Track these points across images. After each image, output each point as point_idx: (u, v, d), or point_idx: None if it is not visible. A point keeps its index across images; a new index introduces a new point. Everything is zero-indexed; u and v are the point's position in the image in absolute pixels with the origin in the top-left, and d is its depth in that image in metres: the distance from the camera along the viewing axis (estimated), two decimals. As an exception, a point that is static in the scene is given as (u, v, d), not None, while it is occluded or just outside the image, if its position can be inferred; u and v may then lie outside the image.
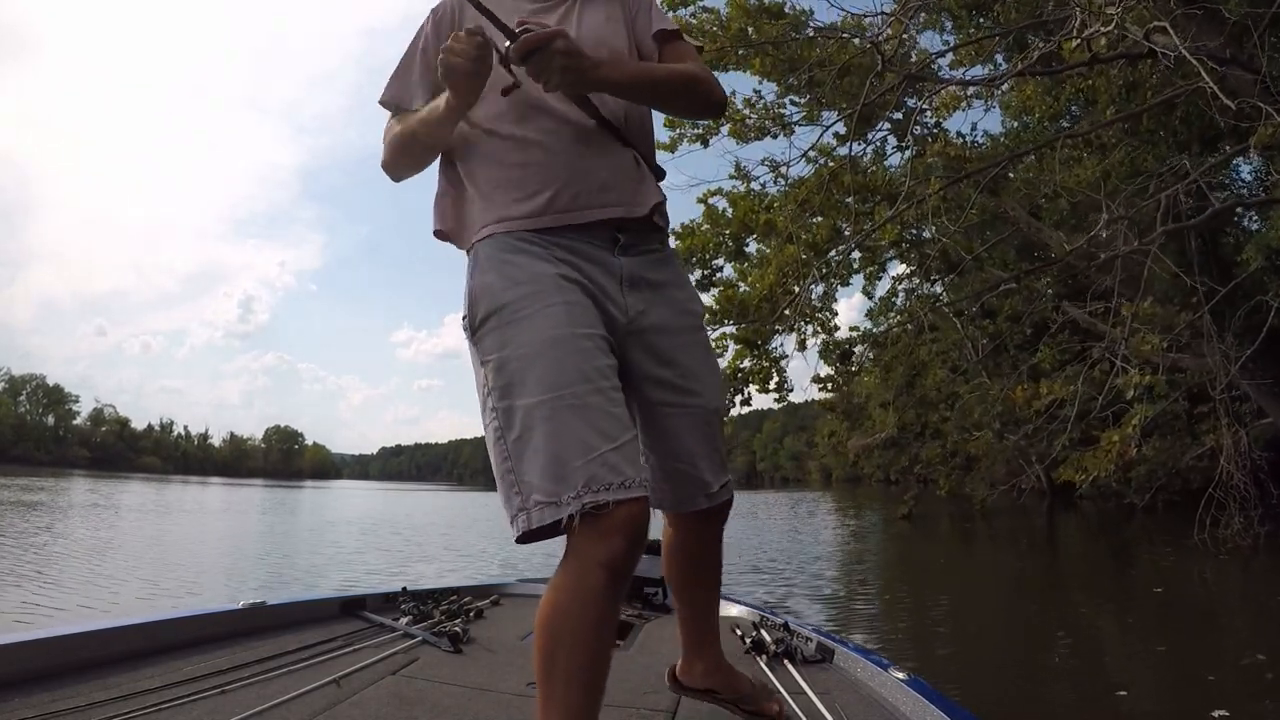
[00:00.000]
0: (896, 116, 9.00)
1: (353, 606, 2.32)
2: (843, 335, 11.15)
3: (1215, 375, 6.65)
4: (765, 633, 2.11)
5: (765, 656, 1.96)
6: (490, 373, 1.08)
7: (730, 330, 10.10)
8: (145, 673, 1.55)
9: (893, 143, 9.87)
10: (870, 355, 12.34)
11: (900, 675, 1.66)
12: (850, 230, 8.73)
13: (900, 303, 13.43)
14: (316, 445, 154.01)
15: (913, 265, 12.00)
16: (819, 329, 10.35)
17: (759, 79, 9.02)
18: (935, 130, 9.56)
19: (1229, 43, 6.27)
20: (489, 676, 1.75)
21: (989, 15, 8.64)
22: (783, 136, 9.55)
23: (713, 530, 1.35)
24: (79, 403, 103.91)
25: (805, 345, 9.91)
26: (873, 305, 14.75)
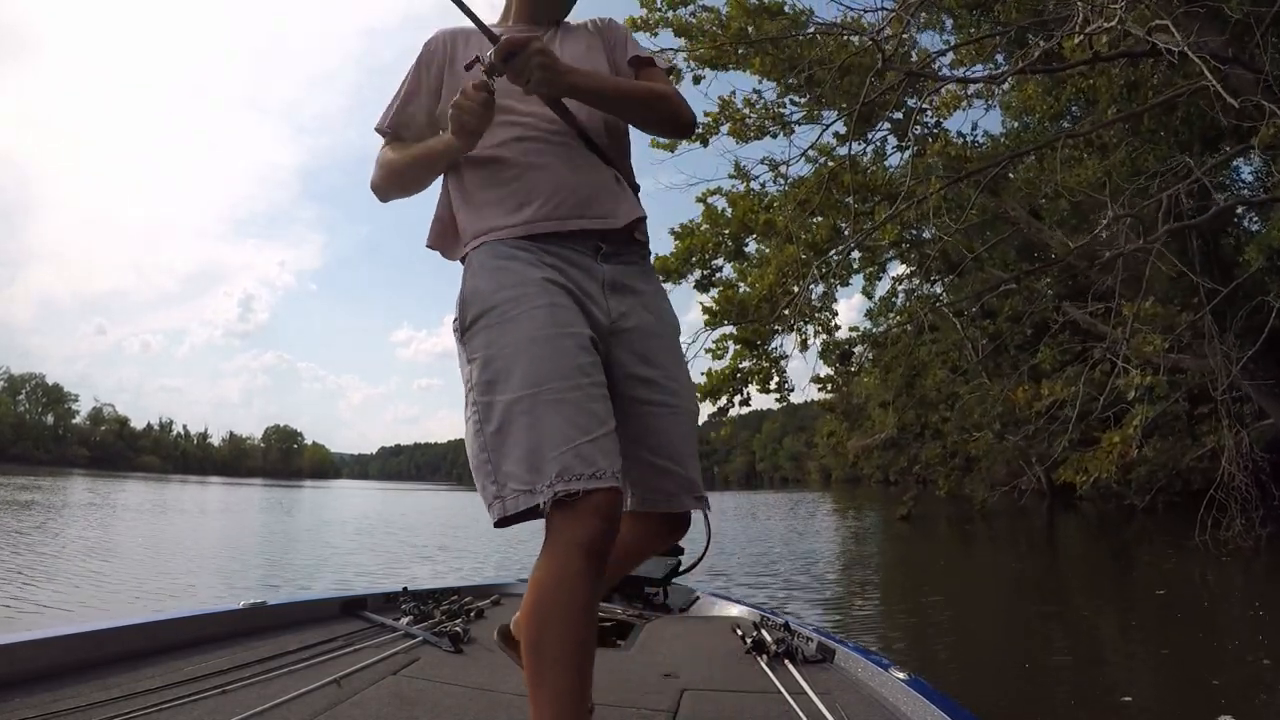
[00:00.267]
0: (896, 116, 8.98)
1: (353, 606, 2.32)
2: (842, 335, 11.15)
3: (1216, 376, 6.65)
4: (766, 633, 2.11)
5: (766, 656, 1.96)
6: (476, 369, 1.16)
7: (730, 330, 10.10)
8: (146, 673, 1.55)
9: (893, 143, 9.87)
10: (870, 355, 12.33)
11: (901, 675, 1.65)
12: (850, 230, 8.72)
13: (900, 303, 13.44)
14: (316, 445, 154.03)
15: (913, 265, 12.00)
16: (819, 329, 10.34)
17: (759, 79, 9.03)
18: (935, 130, 9.55)
19: (1231, 42, 6.27)
20: (490, 676, 1.74)
21: (989, 15, 8.62)
22: (782, 136, 9.56)
23: (672, 538, 1.36)
24: (78, 402, 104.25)
25: (807, 345, 9.92)
26: (872, 305, 14.77)
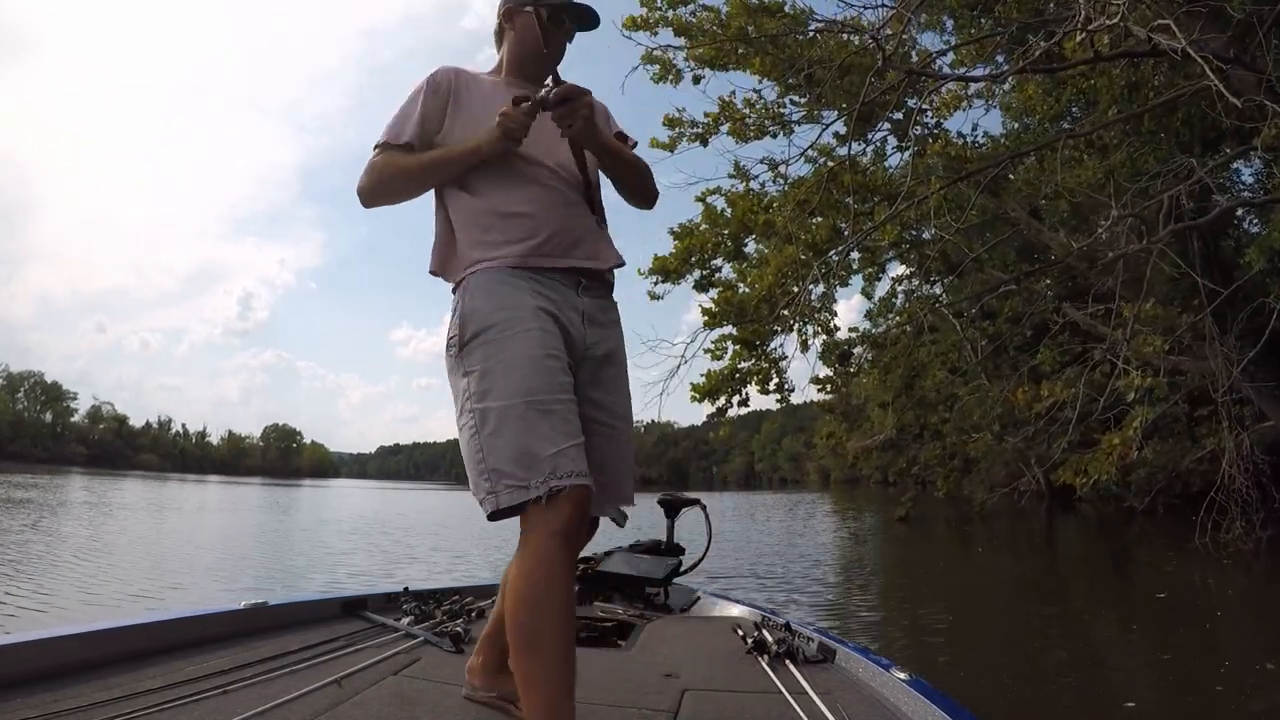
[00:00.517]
0: (897, 116, 8.97)
1: (354, 607, 2.32)
2: (842, 336, 11.14)
3: (1217, 378, 6.63)
4: (767, 633, 2.11)
5: (767, 657, 1.96)
6: (473, 381, 1.32)
7: (730, 331, 10.09)
8: (147, 673, 1.55)
9: (893, 143, 9.86)
10: (869, 356, 12.33)
11: (902, 675, 1.66)
12: (850, 230, 8.70)
13: (900, 303, 13.45)
14: (315, 444, 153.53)
15: (912, 266, 12.00)
16: (819, 330, 10.34)
17: (759, 78, 9.03)
18: (935, 130, 9.54)
19: (1233, 42, 6.27)
20: (491, 677, 1.74)
21: (990, 15, 8.62)
22: (782, 136, 9.57)
23: (583, 541, 1.50)
24: (77, 400, 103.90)
25: (807, 346, 9.91)
26: (872, 306, 14.79)
